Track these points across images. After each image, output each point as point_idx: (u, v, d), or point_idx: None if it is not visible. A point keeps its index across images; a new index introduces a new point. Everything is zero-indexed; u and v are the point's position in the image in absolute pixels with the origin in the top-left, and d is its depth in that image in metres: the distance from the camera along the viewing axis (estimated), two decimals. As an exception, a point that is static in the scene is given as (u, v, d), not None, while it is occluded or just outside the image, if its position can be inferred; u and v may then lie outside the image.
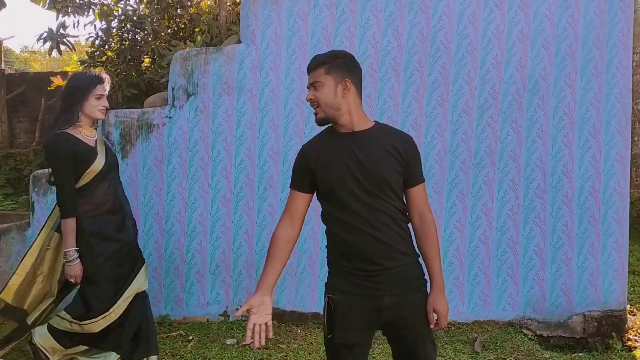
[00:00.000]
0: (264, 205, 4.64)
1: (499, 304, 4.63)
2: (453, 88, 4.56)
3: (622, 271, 4.56)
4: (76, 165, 3.43)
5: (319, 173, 2.42)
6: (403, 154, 2.42)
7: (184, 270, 4.70)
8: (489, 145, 4.56)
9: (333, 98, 2.39)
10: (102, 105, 3.53)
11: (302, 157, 2.50)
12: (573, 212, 4.55)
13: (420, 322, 2.44)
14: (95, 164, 3.49)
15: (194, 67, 4.62)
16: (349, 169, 2.37)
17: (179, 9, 7.41)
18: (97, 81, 3.51)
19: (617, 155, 4.51)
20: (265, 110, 4.61)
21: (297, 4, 4.57)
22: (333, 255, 2.48)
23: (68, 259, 3.45)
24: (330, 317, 2.39)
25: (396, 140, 2.44)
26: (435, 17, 4.54)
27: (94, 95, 3.49)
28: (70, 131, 3.47)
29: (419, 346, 2.44)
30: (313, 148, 2.49)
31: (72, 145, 3.43)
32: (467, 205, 4.59)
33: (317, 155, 2.44)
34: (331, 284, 2.47)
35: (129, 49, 7.31)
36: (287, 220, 2.49)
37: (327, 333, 2.42)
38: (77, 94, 3.48)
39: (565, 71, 4.51)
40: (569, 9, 4.49)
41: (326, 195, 2.44)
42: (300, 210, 2.50)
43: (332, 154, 2.41)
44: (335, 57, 2.44)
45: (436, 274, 2.49)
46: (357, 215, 2.37)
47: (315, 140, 2.53)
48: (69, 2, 6.98)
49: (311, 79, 2.44)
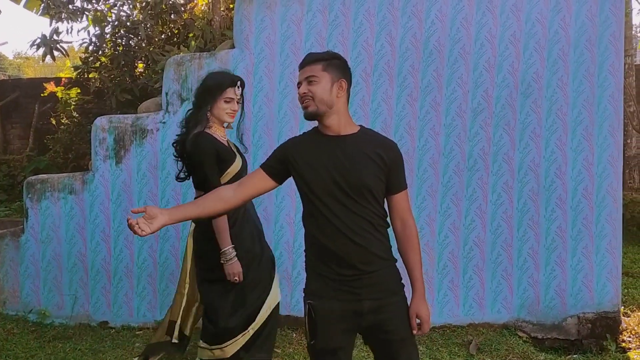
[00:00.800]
0: (259, 209, 4.63)
1: (494, 306, 4.64)
2: (446, 92, 4.58)
3: (615, 273, 4.58)
4: (218, 164, 3.32)
5: (300, 173, 2.42)
6: (387, 161, 2.42)
7: (179, 276, 4.68)
8: (483, 149, 4.58)
9: (328, 95, 2.40)
10: (231, 109, 3.40)
11: (285, 148, 2.50)
12: (567, 215, 4.57)
13: (401, 325, 2.43)
14: (234, 164, 3.38)
15: (188, 73, 4.62)
16: (332, 173, 2.37)
17: (172, 14, 7.42)
18: (228, 83, 3.39)
19: (609, 157, 4.54)
20: (259, 114, 4.62)
21: (290, 9, 4.58)
22: (311, 259, 2.48)
23: (227, 258, 3.27)
24: (312, 322, 2.39)
25: (380, 146, 2.44)
26: (428, 21, 4.56)
27: (223, 98, 3.37)
28: (208, 131, 3.36)
29: (401, 349, 2.43)
30: (298, 146, 2.49)
31: (215, 145, 3.31)
32: (461, 209, 4.60)
33: (300, 155, 2.44)
34: (310, 289, 2.46)
35: (123, 54, 7.32)
36: (235, 186, 2.48)
37: (309, 339, 2.41)
38: (207, 95, 3.37)
39: (557, 74, 4.54)
40: (560, 13, 4.52)
41: (307, 198, 2.43)
42: (252, 187, 2.48)
43: (316, 156, 2.41)
44: (333, 57, 2.46)
45: (418, 279, 2.49)
46: (337, 219, 2.37)
47: (302, 138, 2.53)
48: (62, 8, 6.99)
49: (306, 72, 2.42)
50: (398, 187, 2.48)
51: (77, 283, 4.71)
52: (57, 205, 4.67)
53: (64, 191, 4.67)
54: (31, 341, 4.37)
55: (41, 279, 4.73)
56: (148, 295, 4.70)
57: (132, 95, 7.22)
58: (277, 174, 2.48)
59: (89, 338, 4.47)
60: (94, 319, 4.72)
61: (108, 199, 4.65)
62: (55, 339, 4.42)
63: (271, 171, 2.48)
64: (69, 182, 4.68)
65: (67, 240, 4.69)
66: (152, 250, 4.68)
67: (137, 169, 4.65)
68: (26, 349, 4.25)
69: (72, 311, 4.70)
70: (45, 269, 4.72)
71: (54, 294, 4.73)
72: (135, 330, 4.64)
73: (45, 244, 4.70)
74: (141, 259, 4.68)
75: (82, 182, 4.66)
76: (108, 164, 4.64)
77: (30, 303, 4.74)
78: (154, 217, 2.24)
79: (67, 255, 4.70)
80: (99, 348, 4.30)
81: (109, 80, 7.37)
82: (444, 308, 4.63)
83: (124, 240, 4.67)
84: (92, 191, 4.65)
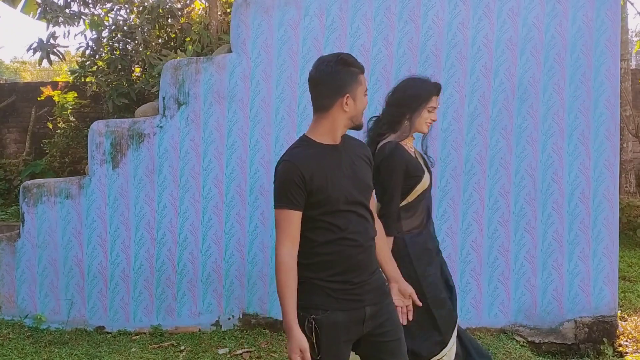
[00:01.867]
0: (256, 214, 4.64)
1: (491, 310, 4.64)
2: (443, 96, 4.58)
3: (612, 277, 4.58)
4: (406, 180, 3.11)
5: (318, 191, 2.34)
6: (372, 162, 2.58)
7: (175, 280, 4.68)
8: (480, 153, 4.58)
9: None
10: (432, 119, 3.20)
11: (297, 173, 2.33)
12: (563, 219, 4.57)
13: (395, 325, 2.50)
14: (422, 182, 3.16)
15: (185, 77, 4.62)
16: (344, 183, 2.39)
17: (169, 18, 7.43)
18: (435, 91, 3.19)
19: (606, 161, 4.55)
20: (256, 119, 4.62)
21: (287, 14, 4.59)
22: (311, 270, 2.39)
23: None
24: (317, 338, 2.34)
25: (364, 148, 2.57)
26: (425, 26, 4.57)
27: (427, 107, 3.16)
28: (402, 143, 3.15)
29: (397, 348, 2.48)
30: (307, 165, 2.35)
31: (407, 160, 3.10)
32: (458, 213, 4.60)
33: (314, 173, 2.34)
34: (309, 303, 2.37)
35: (120, 58, 7.31)
36: (289, 244, 2.34)
37: (315, 355, 2.34)
38: (412, 102, 3.13)
39: (554, 79, 4.55)
40: (557, 18, 4.54)
41: (320, 208, 2.36)
42: (299, 232, 2.37)
43: (325, 169, 2.37)
44: None
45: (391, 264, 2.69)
46: (351, 227, 2.39)
47: (304, 155, 2.40)
48: (59, 13, 6.98)
49: None
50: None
51: (73, 288, 4.70)
52: (54, 210, 4.66)
53: (61, 195, 4.66)
54: (27, 346, 4.35)
55: (37, 284, 4.71)
56: (145, 300, 4.68)
57: (129, 100, 7.22)
58: (303, 203, 2.36)
59: (85, 343, 4.45)
60: (90, 323, 4.70)
61: (105, 204, 4.64)
62: (51, 344, 4.41)
63: (299, 205, 2.35)
64: (66, 187, 4.67)
65: (64, 245, 4.68)
66: (148, 255, 4.67)
67: (134, 173, 4.64)
68: (22, 354, 4.23)
69: (69, 316, 4.69)
70: (41, 274, 4.70)
71: (50, 298, 4.71)
72: (131, 335, 4.62)
73: (41, 249, 4.69)
74: (138, 263, 4.67)
75: (79, 187, 4.65)
76: (105, 169, 4.64)
77: (26, 308, 4.72)
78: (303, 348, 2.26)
79: (64, 259, 4.68)
80: (96, 353, 4.28)
81: (105, 85, 7.36)
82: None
83: (121, 245, 4.66)
84: (88, 196, 4.64)
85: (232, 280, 4.67)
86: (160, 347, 4.41)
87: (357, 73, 2.42)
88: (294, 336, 2.26)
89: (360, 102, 2.44)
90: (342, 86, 2.38)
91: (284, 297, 2.30)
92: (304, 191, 2.33)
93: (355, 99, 2.42)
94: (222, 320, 4.70)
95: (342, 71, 2.39)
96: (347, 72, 2.40)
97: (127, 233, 4.66)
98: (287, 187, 2.33)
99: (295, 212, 2.34)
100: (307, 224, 2.38)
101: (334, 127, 2.43)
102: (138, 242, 4.66)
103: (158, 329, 4.66)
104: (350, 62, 2.40)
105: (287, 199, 2.33)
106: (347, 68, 2.40)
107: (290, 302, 2.29)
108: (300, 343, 2.26)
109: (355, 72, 2.41)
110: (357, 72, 2.42)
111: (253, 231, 4.65)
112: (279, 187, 2.37)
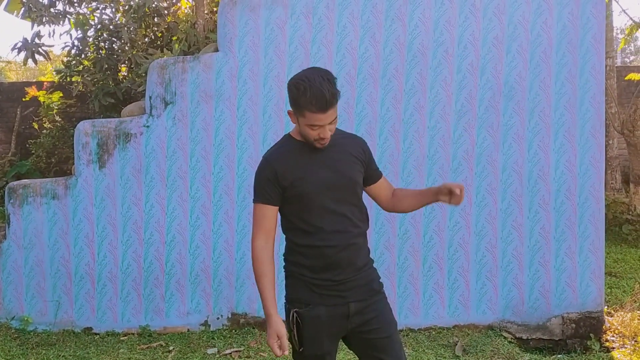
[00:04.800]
0: (244, 213, 4.63)
1: (479, 307, 4.66)
2: (430, 94, 4.60)
3: (598, 273, 4.62)
4: None
5: (292, 187, 2.39)
6: (365, 154, 2.54)
7: (163, 280, 4.67)
8: (467, 151, 4.60)
9: None
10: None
11: (270, 169, 2.40)
12: (550, 216, 4.60)
13: (386, 323, 2.48)
14: None
15: (172, 76, 4.60)
16: (324, 179, 2.39)
17: (156, 17, 7.39)
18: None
19: (591, 158, 4.58)
20: (243, 118, 4.61)
21: (274, 13, 4.58)
22: (296, 267, 2.47)
23: None
24: (299, 330, 2.40)
25: (355, 143, 2.53)
26: (412, 24, 4.58)
27: None
28: None
29: (388, 346, 2.47)
30: (281, 162, 2.41)
31: None
32: (446, 210, 4.62)
33: (287, 169, 2.39)
34: (294, 297, 2.46)
35: (106, 58, 7.28)
36: (263, 238, 2.41)
37: (297, 347, 2.41)
38: None
39: (540, 76, 4.58)
40: (542, 15, 4.56)
41: (296, 205, 2.42)
42: (273, 225, 2.45)
43: (303, 166, 2.40)
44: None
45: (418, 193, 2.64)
46: (331, 224, 2.40)
47: (280, 152, 2.46)
48: (44, 12, 6.93)
49: (332, 115, 2.31)
50: (379, 173, 2.64)
51: (60, 289, 4.67)
52: (40, 211, 4.63)
53: (47, 196, 4.62)
54: (14, 348, 4.31)
55: (24, 285, 4.67)
56: (132, 301, 4.66)
57: (115, 99, 7.18)
58: (278, 199, 2.43)
59: (73, 344, 4.42)
60: (78, 325, 4.67)
61: (91, 204, 4.62)
62: (38, 346, 4.38)
63: (273, 200, 2.42)
64: (52, 187, 4.63)
65: (50, 246, 4.65)
66: (136, 255, 4.65)
67: (120, 173, 4.61)
68: (9, 356, 4.20)
69: (56, 317, 4.65)
70: (27, 275, 4.66)
71: (36, 300, 4.68)
72: (119, 336, 4.60)
73: (27, 250, 4.65)
74: (125, 264, 4.64)
75: (65, 187, 4.62)
76: (91, 169, 4.61)
77: (13, 309, 4.68)
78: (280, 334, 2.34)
79: (50, 261, 4.65)
80: (83, 354, 4.26)
81: (91, 84, 7.32)
82: (430, 310, 4.64)
83: (108, 245, 4.63)
84: (75, 196, 4.61)
85: (220, 279, 4.66)
86: (149, 347, 4.39)
87: (302, 107, 2.28)
88: (272, 322, 2.34)
89: (302, 129, 2.35)
90: (291, 104, 2.35)
91: (261, 286, 2.38)
92: (278, 187, 2.40)
93: (298, 123, 2.35)
94: (211, 320, 4.69)
95: (291, 93, 2.33)
96: (293, 98, 2.32)
97: (115, 233, 4.63)
98: (261, 184, 2.43)
99: (269, 207, 2.42)
100: (287, 223, 2.48)
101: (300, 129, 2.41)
102: (125, 242, 4.64)
103: (146, 329, 4.64)
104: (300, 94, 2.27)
105: (261, 194, 2.43)
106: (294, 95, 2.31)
107: (267, 291, 2.37)
108: (278, 329, 2.33)
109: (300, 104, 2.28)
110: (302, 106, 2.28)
111: (241, 231, 4.64)
112: (255, 183, 2.46)
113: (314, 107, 2.25)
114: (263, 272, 2.38)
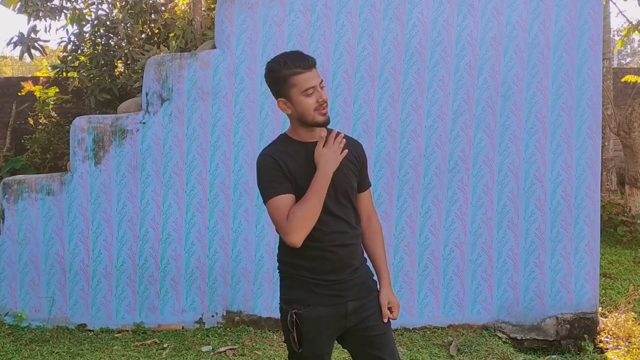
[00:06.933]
0: (240, 211, 4.62)
1: (474, 307, 4.66)
2: (427, 94, 4.60)
3: (593, 274, 4.63)
4: None
5: (293, 182, 2.35)
6: (359, 160, 2.51)
7: (158, 277, 4.65)
8: (463, 151, 4.60)
9: None
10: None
11: (274, 161, 2.34)
12: (546, 216, 4.61)
13: (381, 320, 2.50)
14: None
15: (169, 73, 4.58)
16: None
17: (153, 13, 7.37)
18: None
19: (588, 159, 4.59)
20: (240, 115, 4.60)
21: (272, 10, 4.57)
22: (293, 267, 2.43)
23: None
24: (298, 331, 2.38)
25: (352, 147, 2.48)
26: (410, 23, 4.58)
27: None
28: None
29: (383, 342, 2.48)
30: (281, 157, 2.36)
31: None
32: (442, 210, 4.62)
33: (288, 164, 2.35)
34: (292, 297, 2.43)
35: (102, 53, 7.24)
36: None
37: (297, 348, 2.39)
38: None
39: (537, 77, 4.58)
40: (540, 16, 4.57)
41: None
42: None
43: (302, 166, 2.36)
44: None
45: (384, 270, 2.57)
46: (328, 225, 2.38)
47: (278, 149, 2.40)
48: (40, 6, 6.89)
49: (317, 76, 2.31)
50: (366, 184, 2.59)
51: (54, 285, 4.65)
52: (35, 207, 4.61)
53: (42, 192, 4.61)
54: (7, 344, 4.30)
55: (18, 281, 4.66)
56: (127, 298, 4.65)
57: (112, 95, 7.15)
58: (293, 187, 2.33)
59: (67, 341, 4.41)
60: (72, 321, 4.66)
61: (87, 200, 4.60)
62: (32, 342, 4.36)
63: (288, 189, 2.32)
64: (47, 183, 4.61)
65: (45, 242, 4.63)
66: (131, 252, 4.63)
67: (116, 169, 4.60)
68: (2, 352, 4.18)
69: (50, 314, 4.64)
70: (22, 271, 4.65)
71: (31, 296, 4.66)
72: (114, 332, 4.59)
73: (22, 246, 4.63)
74: (120, 260, 4.63)
75: (61, 183, 4.60)
76: (87, 165, 4.59)
77: (7, 306, 4.66)
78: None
79: (45, 257, 4.63)
80: (77, 351, 4.24)
81: (88, 80, 7.29)
82: (424, 309, 4.65)
83: (103, 242, 4.62)
84: (70, 192, 4.60)
85: (215, 277, 4.65)
86: (143, 344, 4.38)
87: (287, 76, 2.29)
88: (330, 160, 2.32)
89: (298, 104, 2.31)
90: (277, 91, 2.36)
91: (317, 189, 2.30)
92: (286, 176, 2.32)
93: (292, 101, 2.32)
94: (206, 318, 4.68)
95: (271, 77, 2.35)
96: (276, 78, 2.33)
97: (110, 230, 4.62)
98: (269, 176, 2.33)
99: (287, 196, 2.29)
100: None
101: (293, 126, 2.42)
102: (120, 239, 4.62)
103: (141, 326, 4.62)
104: (281, 66, 2.30)
105: (273, 187, 2.31)
106: (276, 74, 2.32)
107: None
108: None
109: (285, 76, 2.29)
110: (287, 75, 2.29)
111: (237, 228, 4.63)
112: (263, 180, 2.36)
113: (298, 67, 2.28)
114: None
